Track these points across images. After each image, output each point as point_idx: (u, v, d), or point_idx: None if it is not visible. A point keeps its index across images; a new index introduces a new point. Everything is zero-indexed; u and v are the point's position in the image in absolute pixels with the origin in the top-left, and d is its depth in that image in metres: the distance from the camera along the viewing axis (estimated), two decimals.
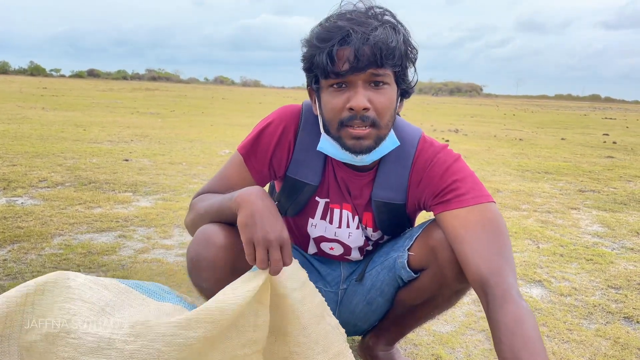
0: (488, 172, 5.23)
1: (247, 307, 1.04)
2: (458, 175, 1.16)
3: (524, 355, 0.90)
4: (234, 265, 1.12)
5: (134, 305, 1.05)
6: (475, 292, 1.06)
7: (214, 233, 1.11)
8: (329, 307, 1.19)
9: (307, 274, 1.16)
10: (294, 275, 1.13)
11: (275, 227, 1.03)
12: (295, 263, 1.14)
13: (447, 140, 8.39)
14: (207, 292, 1.16)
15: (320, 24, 1.10)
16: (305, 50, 1.12)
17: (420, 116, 16.11)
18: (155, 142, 6.34)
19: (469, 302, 1.95)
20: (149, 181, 3.85)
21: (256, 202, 1.04)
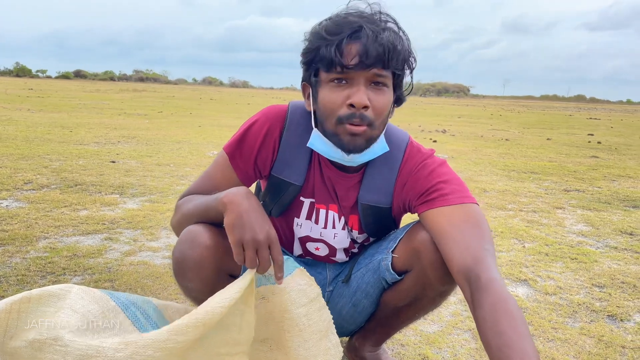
0: (475, 172, 5.26)
1: (233, 307, 1.05)
2: (443, 177, 1.18)
3: (508, 331, 0.89)
4: (220, 266, 1.13)
5: (118, 331, 1.06)
6: (459, 283, 1.06)
7: (200, 233, 1.11)
8: (334, 326, 1.22)
9: (319, 291, 1.18)
10: (306, 290, 1.16)
11: (263, 227, 1.04)
12: (310, 280, 1.17)
13: (435, 141, 8.44)
14: (193, 293, 1.17)
15: (330, 19, 1.11)
16: (309, 42, 1.12)
17: (408, 117, 16.18)
18: (142, 143, 6.30)
19: (455, 302, 1.97)
20: (136, 183, 3.83)
21: (243, 203, 1.05)
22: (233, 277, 1.19)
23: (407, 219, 1.29)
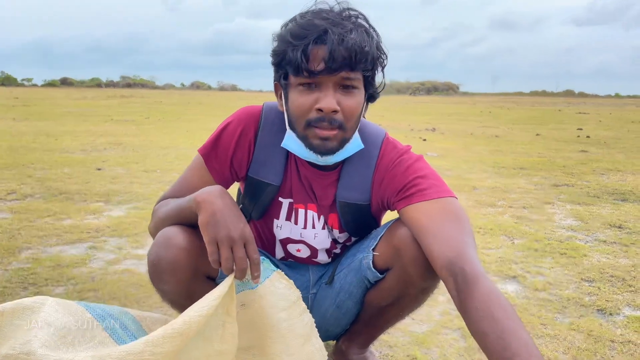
0: (464, 169, 5.26)
1: (213, 318, 1.03)
2: (420, 172, 1.16)
3: (504, 319, 0.87)
4: (196, 267, 1.11)
5: (94, 344, 1.03)
6: (442, 278, 1.03)
7: (174, 234, 1.09)
8: (316, 329, 1.19)
9: (299, 294, 1.16)
10: (285, 294, 1.14)
11: (237, 224, 1.02)
12: (289, 283, 1.15)
13: (425, 139, 8.45)
14: (169, 295, 1.15)
15: (295, 20, 1.08)
16: (276, 44, 1.10)
17: (398, 116, 16.19)
18: (129, 149, 6.25)
19: (444, 301, 1.95)
20: (122, 190, 3.79)
21: (216, 201, 1.03)
22: (210, 279, 1.17)
23: (389, 216, 1.27)
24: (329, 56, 1.02)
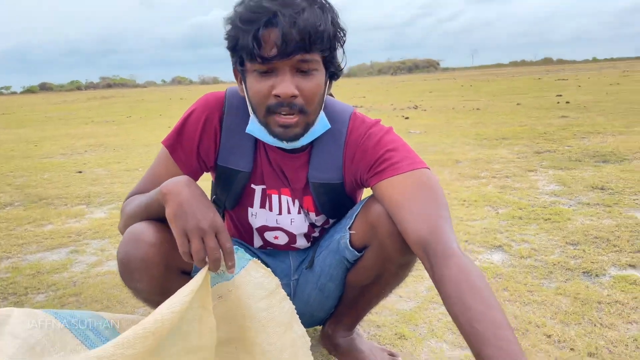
0: (447, 144, 5.26)
1: (189, 312, 1.00)
2: (390, 145, 1.13)
3: (474, 304, 0.85)
4: (168, 262, 1.07)
5: (66, 352, 1.00)
6: (418, 255, 1.02)
7: (143, 230, 1.06)
8: (297, 316, 1.17)
9: (278, 282, 1.13)
10: (263, 283, 1.11)
11: (206, 214, 0.98)
12: (266, 271, 1.12)
13: (407, 117, 8.43)
14: (143, 294, 1.12)
15: (244, 2, 1.03)
16: (228, 29, 1.05)
17: (380, 96, 16.15)
18: (110, 150, 6.17)
19: (429, 277, 1.94)
20: (103, 191, 3.73)
21: (183, 191, 1.00)
22: (185, 273, 1.14)
23: (367, 195, 1.25)
24: (281, 40, 0.97)
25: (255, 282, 1.10)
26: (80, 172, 4.62)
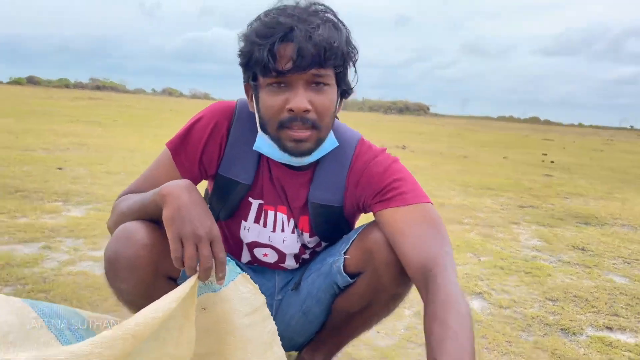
0: (433, 186, 5.29)
1: (170, 320, 0.96)
2: (397, 175, 1.14)
3: (454, 325, 0.86)
4: (157, 266, 1.03)
5: (38, 345, 0.95)
6: (416, 284, 1.02)
7: (136, 230, 1.02)
8: (278, 337, 1.14)
9: (264, 300, 1.11)
10: (250, 299, 1.08)
11: (204, 221, 0.96)
12: (254, 287, 1.09)
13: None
14: (126, 295, 1.07)
15: (260, 19, 1.04)
16: (243, 45, 1.06)
17: (369, 132, 16.25)
18: (93, 150, 6.07)
19: (410, 315, 1.92)
20: (82, 190, 3.65)
21: (183, 195, 0.97)
22: (171, 279, 1.10)
23: (363, 221, 1.24)
24: (297, 54, 0.98)
25: (241, 297, 1.07)
26: (60, 168, 4.53)
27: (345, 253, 1.18)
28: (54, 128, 8.78)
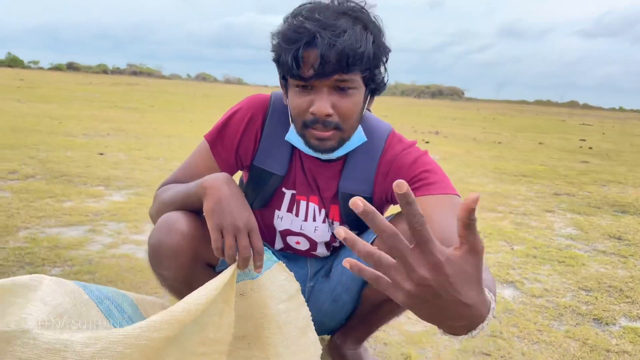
0: (466, 173, 5.25)
1: (212, 305, 1.02)
2: (426, 166, 1.16)
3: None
4: (196, 254, 1.10)
5: (90, 325, 1.02)
6: None
7: (177, 220, 1.09)
8: (312, 323, 1.19)
9: (299, 287, 1.16)
10: (285, 286, 1.14)
11: (243, 213, 1.02)
12: (290, 275, 1.15)
13: (427, 142, 8.43)
14: (168, 281, 1.14)
15: (288, 21, 1.07)
16: (274, 42, 1.10)
17: (401, 117, 16.18)
18: (132, 136, 6.24)
19: None
20: (123, 175, 3.78)
21: (223, 188, 1.03)
22: (210, 266, 1.16)
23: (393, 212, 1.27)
24: (319, 61, 1.01)
25: (278, 284, 1.13)
26: (101, 154, 4.69)
27: (372, 243, 1.22)
28: (94, 114, 9.04)
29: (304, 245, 1.33)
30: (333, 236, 1.32)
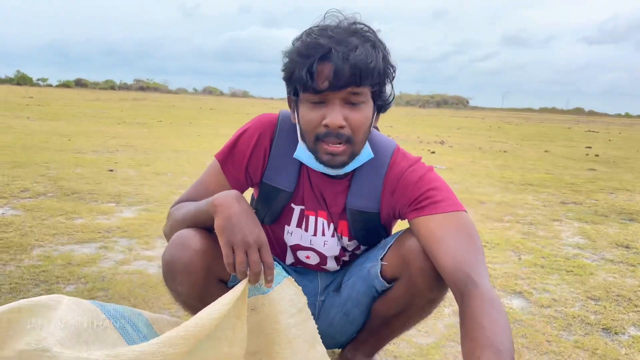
0: (472, 183, 5.27)
1: (225, 320, 1.05)
2: (433, 184, 1.19)
3: (490, 326, 0.91)
4: (209, 270, 1.14)
5: (107, 344, 1.05)
6: (452, 290, 1.06)
7: (190, 237, 1.12)
8: (319, 335, 1.22)
9: (306, 301, 1.20)
10: (294, 300, 1.17)
11: (253, 229, 1.05)
12: (298, 289, 1.18)
13: (433, 152, 8.46)
14: (182, 297, 1.17)
15: (302, 39, 1.12)
16: (286, 61, 1.14)
17: (407, 127, 16.22)
18: (140, 152, 6.31)
19: (449, 314, 1.96)
20: (133, 192, 3.83)
21: (233, 205, 1.07)
22: (222, 282, 1.19)
23: (399, 227, 1.29)
24: (333, 74, 1.06)
25: (287, 298, 1.16)
26: (111, 170, 4.75)
27: (382, 259, 1.25)
28: (103, 130, 9.14)
29: (314, 260, 1.36)
30: (342, 250, 1.35)
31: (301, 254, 1.36)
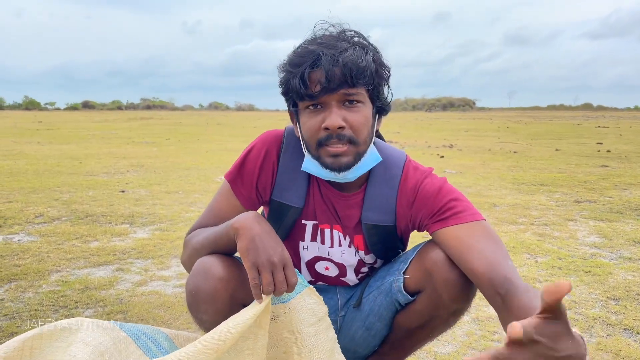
0: (484, 186, 5.24)
1: (247, 331, 1.06)
2: (453, 195, 1.19)
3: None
4: (233, 297, 1.13)
5: (129, 359, 1.06)
6: (489, 294, 1.04)
7: (213, 265, 1.12)
8: (338, 345, 1.22)
9: (327, 310, 1.20)
10: (315, 309, 1.17)
11: (276, 249, 1.06)
12: (319, 299, 1.18)
13: (442, 156, 8.43)
14: (207, 325, 1.17)
15: (294, 50, 1.15)
16: (281, 75, 1.16)
17: (414, 132, 16.19)
18: (151, 171, 6.35)
19: (469, 322, 1.95)
20: (145, 212, 3.85)
21: (254, 227, 1.07)
22: (245, 306, 1.19)
23: (416, 239, 1.29)
24: (325, 77, 1.07)
25: (308, 307, 1.16)
26: (123, 191, 4.78)
27: (404, 272, 1.24)
28: (112, 151, 9.22)
29: (333, 271, 1.36)
30: (361, 261, 1.34)
31: (320, 266, 1.36)
